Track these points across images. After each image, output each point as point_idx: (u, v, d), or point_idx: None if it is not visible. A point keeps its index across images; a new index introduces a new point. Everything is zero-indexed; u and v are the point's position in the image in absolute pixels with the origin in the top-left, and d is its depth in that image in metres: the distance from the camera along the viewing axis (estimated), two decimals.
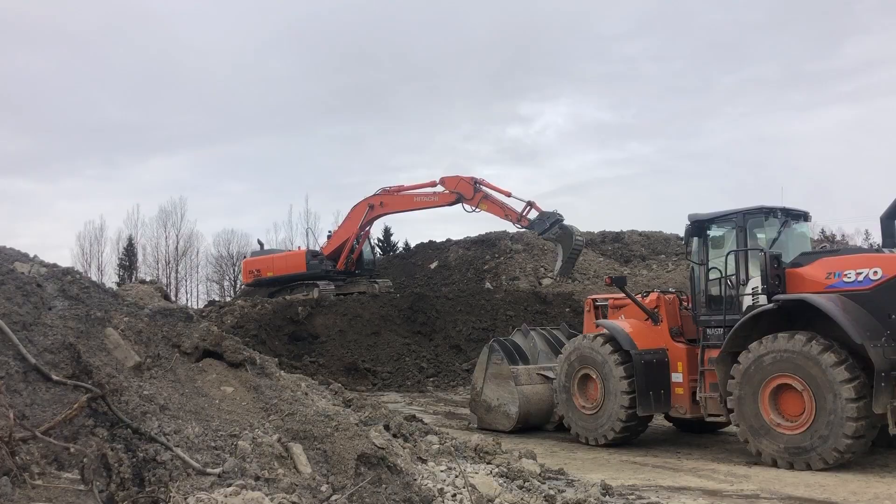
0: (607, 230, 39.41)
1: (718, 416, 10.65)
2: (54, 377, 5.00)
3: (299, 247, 34.97)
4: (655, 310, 11.69)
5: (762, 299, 10.20)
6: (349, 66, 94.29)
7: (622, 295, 12.23)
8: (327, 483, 5.24)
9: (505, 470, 7.92)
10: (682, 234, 12.13)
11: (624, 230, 39.47)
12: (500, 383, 13.10)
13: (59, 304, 5.90)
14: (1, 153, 71.97)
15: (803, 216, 11.36)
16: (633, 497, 7.71)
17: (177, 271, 54.88)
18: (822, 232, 57.42)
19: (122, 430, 4.92)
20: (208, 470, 4.83)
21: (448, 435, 9.85)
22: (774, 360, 9.54)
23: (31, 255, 6.78)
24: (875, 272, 9.53)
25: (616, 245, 37.29)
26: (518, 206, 21.42)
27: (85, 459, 4.52)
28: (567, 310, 23.49)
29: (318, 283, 26.31)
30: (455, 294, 26.09)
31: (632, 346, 11.22)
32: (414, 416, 12.64)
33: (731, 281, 10.68)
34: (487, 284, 29.50)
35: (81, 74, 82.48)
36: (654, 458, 10.61)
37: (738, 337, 10.15)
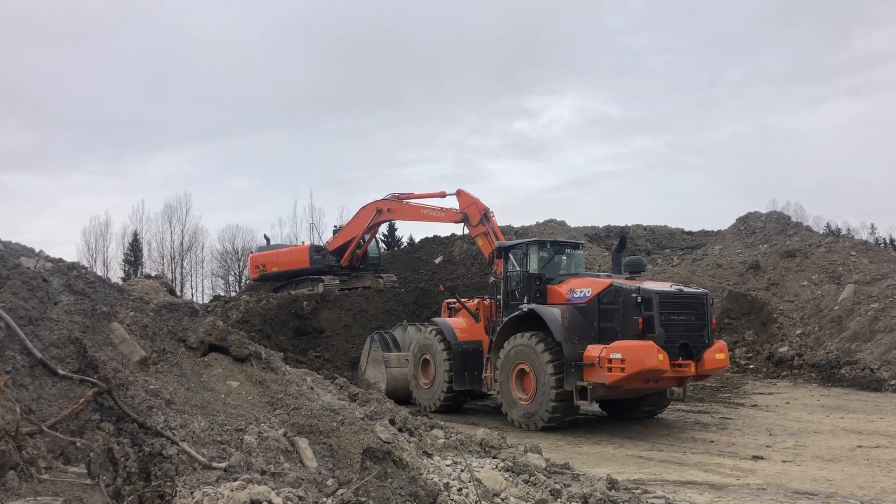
0: (612, 224, 39.33)
1: (496, 392, 13.70)
2: (60, 372, 5.00)
3: (303, 242, 34.92)
4: (477, 311, 15.20)
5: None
6: (354, 60, 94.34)
7: (466, 299, 16.07)
8: (333, 477, 5.24)
9: (510, 464, 7.91)
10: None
11: (629, 225, 39.40)
12: (376, 366, 16.77)
13: (65, 299, 5.89)
14: (7, 148, 72.31)
15: (577, 245, 15.45)
16: (638, 491, 7.69)
17: (182, 266, 54.99)
18: (828, 226, 57.30)
19: (129, 424, 4.92)
20: (214, 464, 4.83)
21: (453, 429, 9.84)
22: (516, 352, 13.04)
23: (37, 251, 6.78)
24: (588, 290, 12.90)
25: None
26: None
27: (91, 454, 4.52)
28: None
29: (322, 277, 26.28)
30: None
31: (453, 339, 14.97)
32: (419, 411, 12.70)
33: (516, 293, 14.14)
34: (492, 279, 29.41)
35: (87, 69, 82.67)
36: (660, 452, 10.60)
37: (502, 334, 13.66)
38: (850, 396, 17.04)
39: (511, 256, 14.70)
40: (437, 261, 33.04)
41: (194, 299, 46.83)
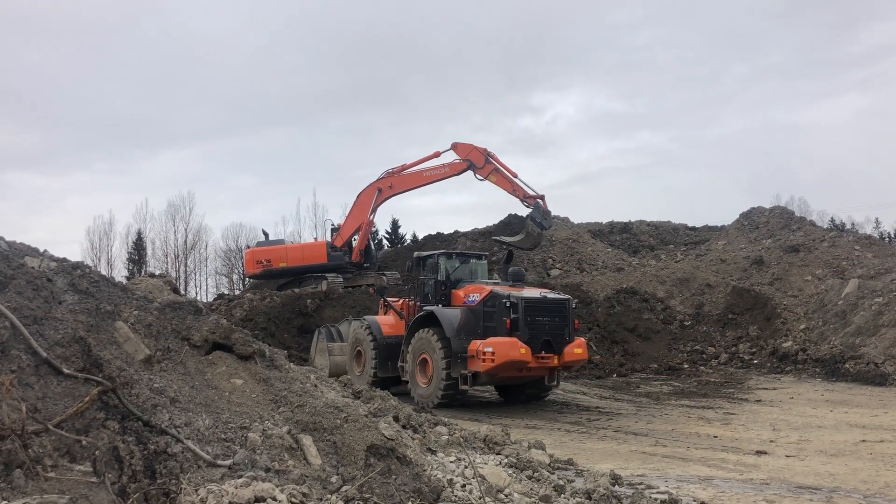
0: (616, 220, 39.28)
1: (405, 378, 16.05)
2: (65, 371, 5.02)
3: (315, 238, 34.85)
4: (402, 310, 17.28)
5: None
6: (359, 57, 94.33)
7: (394, 299, 18.30)
8: (337, 474, 5.26)
9: (514, 460, 7.93)
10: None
11: (632, 220, 39.33)
12: (323, 355, 18.85)
13: (70, 299, 5.92)
14: (12, 148, 72.47)
15: (480, 256, 17.93)
16: (642, 486, 7.72)
17: (185, 265, 55.16)
18: (832, 220, 57.13)
19: (133, 422, 4.94)
20: (219, 462, 4.86)
21: (457, 426, 9.87)
22: (420, 344, 15.47)
23: (42, 250, 6.80)
24: (478, 296, 15.28)
25: (624, 235, 37.15)
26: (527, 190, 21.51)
27: (97, 452, 4.55)
28: (575, 300, 23.43)
29: (326, 275, 26.28)
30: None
31: (379, 333, 17.12)
32: (423, 408, 12.74)
33: (429, 295, 16.44)
34: (495, 276, 29.40)
35: (92, 68, 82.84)
36: (664, 447, 10.61)
37: (412, 329, 15.98)
38: (854, 391, 17.03)
39: (426, 265, 17.04)
40: None
41: (198, 298, 46.93)
